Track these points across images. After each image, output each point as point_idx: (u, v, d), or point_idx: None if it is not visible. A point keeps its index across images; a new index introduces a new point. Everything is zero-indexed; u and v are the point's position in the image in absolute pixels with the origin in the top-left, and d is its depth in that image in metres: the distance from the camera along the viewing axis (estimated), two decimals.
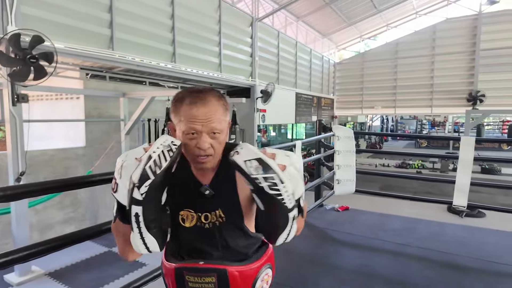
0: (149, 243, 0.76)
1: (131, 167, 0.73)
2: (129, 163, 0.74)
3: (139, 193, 0.71)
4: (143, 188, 0.71)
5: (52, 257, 3.59)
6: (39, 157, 4.16)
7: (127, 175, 0.73)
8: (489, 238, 3.28)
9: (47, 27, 3.43)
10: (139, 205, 0.72)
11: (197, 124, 0.84)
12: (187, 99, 0.86)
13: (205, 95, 0.87)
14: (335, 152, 3.84)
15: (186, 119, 0.84)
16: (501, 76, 9.98)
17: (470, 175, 3.30)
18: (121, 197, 0.76)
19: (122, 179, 0.75)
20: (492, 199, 6.14)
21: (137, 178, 0.71)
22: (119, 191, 0.76)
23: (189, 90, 0.89)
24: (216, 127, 0.86)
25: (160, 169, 0.72)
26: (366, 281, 2.45)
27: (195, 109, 0.84)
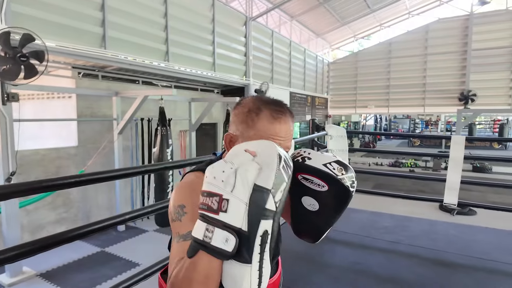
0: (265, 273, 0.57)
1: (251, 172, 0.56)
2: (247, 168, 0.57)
3: (273, 202, 0.56)
4: (278, 194, 0.56)
5: (44, 257, 3.57)
6: (30, 157, 4.11)
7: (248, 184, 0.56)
8: (479, 236, 3.34)
9: (38, 25, 3.39)
10: (270, 218, 0.56)
11: (276, 141, 0.75)
12: (266, 111, 0.77)
13: (286, 111, 0.80)
14: (328, 151, 3.86)
15: (264, 135, 0.75)
16: (492, 76, 10.13)
17: (460, 174, 3.34)
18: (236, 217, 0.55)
19: (236, 190, 0.55)
20: (483, 197, 6.22)
21: (272, 182, 0.56)
22: (232, 209, 0.55)
23: (266, 101, 0.80)
24: (289, 146, 0.80)
25: (291, 170, 0.60)
26: (358, 278, 2.48)
27: (278, 125, 0.77)
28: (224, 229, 0.55)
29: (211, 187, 0.57)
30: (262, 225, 0.55)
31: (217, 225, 0.55)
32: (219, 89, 7.42)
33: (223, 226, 0.55)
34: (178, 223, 0.70)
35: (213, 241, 0.55)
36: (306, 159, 0.74)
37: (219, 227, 0.55)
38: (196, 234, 0.57)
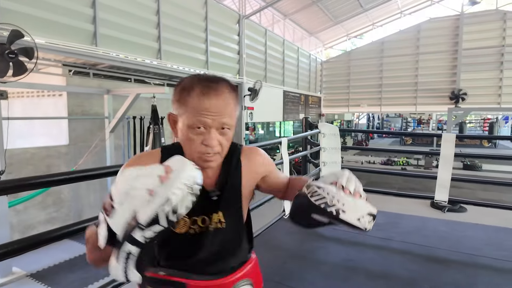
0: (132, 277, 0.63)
1: (138, 200, 0.58)
2: (138, 194, 0.59)
3: (142, 235, 0.58)
4: (148, 232, 0.58)
5: (34, 257, 3.52)
6: (20, 156, 4.05)
7: (131, 207, 0.59)
8: (469, 232, 3.39)
9: (27, 21, 3.33)
10: (138, 246, 0.59)
11: (208, 118, 0.73)
12: (196, 88, 0.75)
13: (218, 85, 0.76)
14: (321, 149, 3.88)
15: (194, 111, 0.73)
16: (482, 75, 10.28)
17: (451, 171, 3.39)
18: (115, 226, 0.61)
19: (123, 207, 0.60)
20: (473, 194, 6.32)
21: (146, 221, 0.57)
22: (115, 219, 0.61)
23: (199, 78, 0.78)
24: (228, 122, 0.76)
25: (176, 218, 0.59)
26: (350, 275, 2.49)
27: (207, 100, 0.73)
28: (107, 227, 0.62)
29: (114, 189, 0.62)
30: (127, 246, 0.59)
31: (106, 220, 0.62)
32: None
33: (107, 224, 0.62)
34: None
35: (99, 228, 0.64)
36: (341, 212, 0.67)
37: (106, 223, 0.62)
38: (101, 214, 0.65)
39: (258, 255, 1.00)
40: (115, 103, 4.64)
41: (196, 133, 0.74)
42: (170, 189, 0.58)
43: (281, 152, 3.17)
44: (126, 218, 0.59)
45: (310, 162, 4.34)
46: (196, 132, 0.74)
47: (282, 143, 3.15)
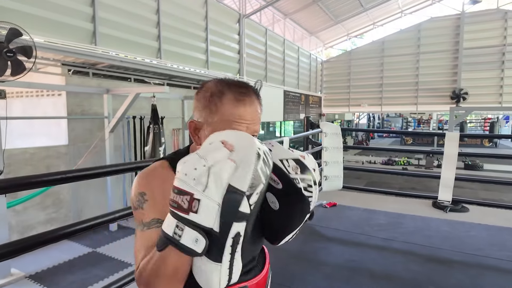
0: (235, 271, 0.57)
1: (226, 172, 0.53)
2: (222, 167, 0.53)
3: (247, 204, 0.54)
4: (253, 196, 0.54)
5: (33, 259, 3.49)
6: (19, 156, 4.02)
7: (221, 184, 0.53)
8: (471, 232, 3.36)
9: (26, 20, 3.31)
10: (243, 220, 0.54)
11: (243, 126, 0.71)
12: (229, 94, 0.72)
13: (250, 92, 0.74)
14: (323, 148, 3.85)
15: (228, 119, 0.70)
16: (483, 75, 10.26)
17: (454, 170, 3.36)
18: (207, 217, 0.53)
19: (209, 190, 0.53)
20: (475, 194, 6.29)
21: (248, 184, 0.53)
22: (203, 209, 0.53)
23: (227, 83, 0.74)
24: (258, 129, 0.75)
25: (269, 170, 0.57)
26: (352, 275, 2.46)
27: (243, 108, 0.71)
28: (195, 229, 0.53)
29: (182, 184, 0.54)
30: (234, 227, 0.54)
31: (188, 223, 0.54)
32: None
33: (193, 226, 0.53)
34: (140, 211, 0.69)
35: (182, 239, 0.53)
36: None
37: (189, 227, 0.53)
38: (166, 229, 0.55)
39: None
40: (114, 102, 4.60)
41: None
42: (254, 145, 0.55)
43: None
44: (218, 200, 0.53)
45: None
46: None
47: (284, 143, 3.12)
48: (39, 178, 1.20)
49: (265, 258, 0.88)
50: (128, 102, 4.25)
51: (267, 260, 0.88)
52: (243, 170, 0.53)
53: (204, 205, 0.53)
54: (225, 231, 0.54)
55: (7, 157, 3.30)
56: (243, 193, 0.53)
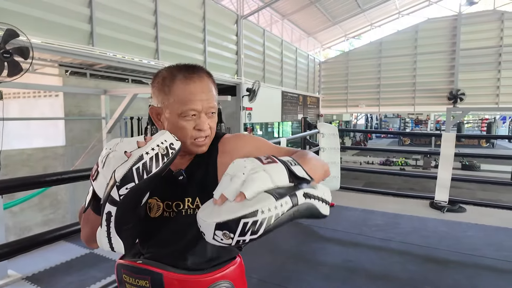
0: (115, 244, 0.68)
1: (117, 161, 0.64)
2: (117, 155, 0.65)
3: (117, 193, 0.62)
4: (123, 189, 0.62)
5: (30, 260, 3.48)
6: (16, 157, 4.01)
7: (111, 168, 0.64)
8: (468, 232, 3.37)
9: (23, 21, 3.29)
10: (114, 205, 0.64)
11: (197, 104, 0.75)
12: (178, 75, 0.76)
13: (198, 71, 0.78)
14: (320, 149, 3.85)
15: (182, 98, 0.74)
16: (480, 75, 10.31)
17: (451, 171, 3.38)
18: (99, 188, 0.67)
19: (104, 169, 0.66)
20: (472, 194, 6.31)
21: (120, 177, 0.61)
22: (98, 181, 0.67)
23: (178, 66, 0.78)
24: (214, 105, 0.78)
25: (147, 175, 0.62)
26: (349, 275, 2.47)
27: (193, 85, 0.75)
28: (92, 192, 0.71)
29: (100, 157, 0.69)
30: (107, 206, 0.64)
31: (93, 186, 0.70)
32: None
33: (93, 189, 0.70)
34: None
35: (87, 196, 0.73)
36: None
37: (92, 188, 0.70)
38: None
39: (256, 257, 0.96)
40: (112, 103, 4.60)
41: (187, 120, 0.76)
42: (145, 149, 0.63)
43: None
44: (107, 179, 0.64)
45: None
46: (187, 119, 0.76)
47: (281, 143, 3.12)
48: (34, 180, 1.20)
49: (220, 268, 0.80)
50: (126, 103, 4.25)
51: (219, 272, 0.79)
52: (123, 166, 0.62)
53: (99, 178, 0.67)
54: (103, 206, 0.64)
55: (4, 158, 3.29)
56: (115, 183, 0.62)
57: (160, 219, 0.80)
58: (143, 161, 0.62)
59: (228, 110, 7.07)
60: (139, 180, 0.62)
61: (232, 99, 6.64)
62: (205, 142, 0.79)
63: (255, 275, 2.39)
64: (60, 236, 1.43)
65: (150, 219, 0.80)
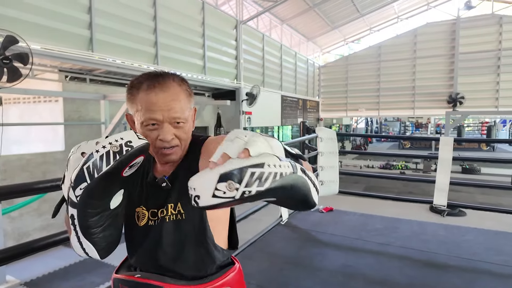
0: (87, 248, 0.67)
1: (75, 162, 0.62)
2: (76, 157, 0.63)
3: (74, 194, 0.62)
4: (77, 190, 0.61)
5: (28, 266, 3.47)
6: (15, 162, 4.02)
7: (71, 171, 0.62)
8: (468, 236, 3.35)
9: (23, 27, 3.32)
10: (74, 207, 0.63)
11: (157, 114, 0.72)
12: (144, 84, 0.74)
13: (164, 79, 0.75)
14: (319, 153, 3.86)
15: (144, 107, 0.73)
16: (479, 79, 10.32)
17: (449, 175, 3.37)
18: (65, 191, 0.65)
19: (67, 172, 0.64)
20: (472, 198, 6.29)
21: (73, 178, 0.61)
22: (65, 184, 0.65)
23: (147, 74, 0.77)
24: (179, 116, 0.74)
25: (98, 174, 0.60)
26: (348, 281, 2.46)
27: (153, 95, 0.72)
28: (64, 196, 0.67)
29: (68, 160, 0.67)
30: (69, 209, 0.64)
31: None
32: (210, 93, 7.39)
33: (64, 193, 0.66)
34: None
35: None
36: None
37: None
38: None
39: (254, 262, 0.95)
40: (111, 108, 4.62)
41: (150, 130, 0.74)
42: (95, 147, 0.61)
43: None
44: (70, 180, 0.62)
45: None
46: (150, 129, 0.74)
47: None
48: (29, 186, 1.21)
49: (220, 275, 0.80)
50: (125, 108, 4.27)
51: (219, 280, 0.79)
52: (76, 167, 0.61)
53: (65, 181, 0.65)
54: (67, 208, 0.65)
55: (3, 163, 3.30)
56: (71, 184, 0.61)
57: (145, 228, 0.80)
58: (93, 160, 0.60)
59: (227, 114, 7.08)
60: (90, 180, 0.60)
61: (232, 103, 6.66)
62: (171, 151, 0.76)
63: (253, 281, 2.38)
64: (59, 242, 1.43)
65: (137, 228, 0.80)
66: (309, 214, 4.12)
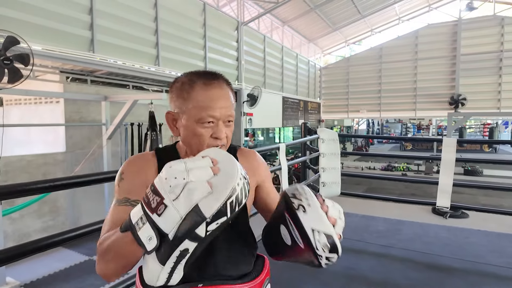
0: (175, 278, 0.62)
1: (199, 193, 0.56)
2: (197, 187, 0.56)
3: (205, 229, 0.56)
4: (213, 225, 0.56)
5: (28, 267, 3.46)
6: (16, 163, 4.01)
7: (190, 202, 0.56)
8: (471, 238, 3.33)
9: (24, 28, 3.32)
10: (196, 241, 0.57)
11: (216, 111, 0.74)
12: (198, 81, 0.75)
13: (218, 78, 0.77)
14: (320, 154, 3.83)
15: (201, 104, 0.73)
16: (481, 80, 10.30)
17: (452, 176, 3.34)
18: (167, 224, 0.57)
19: (178, 202, 0.56)
20: (475, 199, 6.26)
21: (212, 213, 0.55)
22: (166, 216, 0.56)
23: (197, 72, 0.78)
24: (232, 114, 0.78)
25: (239, 207, 0.58)
26: (349, 283, 2.43)
27: (213, 91, 0.74)
28: (153, 228, 0.57)
29: (159, 185, 0.57)
30: (185, 243, 0.57)
31: (149, 221, 0.57)
32: None
33: (153, 225, 0.57)
34: (116, 188, 0.77)
35: (140, 231, 0.58)
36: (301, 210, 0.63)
37: (149, 224, 0.57)
38: (132, 216, 0.60)
39: None
40: (112, 109, 4.61)
41: (205, 127, 0.74)
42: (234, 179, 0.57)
43: (279, 158, 3.13)
44: (182, 214, 0.56)
45: (309, 168, 4.29)
46: (205, 126, 0.74)
47: (280, 149, 3.11)
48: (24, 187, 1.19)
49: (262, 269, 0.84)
50: (126, 109, 4.26)
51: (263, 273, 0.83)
52: (213, 198, 0.56)
53: (168, 212, 0.56)
54: (176, 243, 0.57)
55: (4, 164, 3.29)
56: (204, 219, 0.55)
57: None
58: (236, 194, 0.57)
59: None
60: (231, 214, 0.57)
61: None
62: None
63: None
64: (59, 242, 1.41)
65: None
66: None
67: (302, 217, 0.63)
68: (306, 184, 4.04)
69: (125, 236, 0.61)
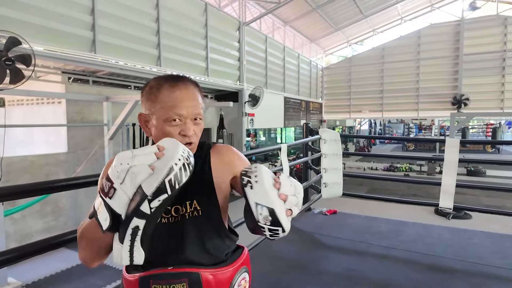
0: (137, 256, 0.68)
1: (141, 175, 0.63)
2: (139, 170, 0.64)
3: (148, 207, 0.63)
4: (155, 202, 0.63)
5: (30, 268, 3.46)
6: (18, 164, 4.02)
7: (134, 183, 0.63)
8: (474, 240, 3.30)
9: (26, 29, 3.33)
10: (143, 218, 0.64)
11: (182, 109, 0.79)
12: (165, 84, 0.81)
13: (184, 80, 0.84)
14: (322, 155, 3.82)
15: (168, 104, 0.79)
16: (484, 80, 10.24)
17: (455, 177, 3.32)
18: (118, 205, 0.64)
19: (124, 185, 0.64)
20: (477, 200, 6.22)
21: (152, 191, 0.62)
22: (116, 198, 0.64)
23: (164, 77, 0.84)
24: (200, 112, 0.83)
25: (179, 185, 0.64)
26: (352, 285, 2.42)
27: (178, 92, 0.80)
28: (107, 210, 0.65)
29: (110, 172, 0.65)
30: (134, 221, 0.64)
31: (104, 204, 0.65)
32: (212, 94, 7.39)
33: (107, 208, 0.65)
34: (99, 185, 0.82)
35: (99, 215, 0.67)
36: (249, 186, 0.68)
37: (105, 206, 0.65)
38: (95, 203, 0.69)
39: (256, 265, 0.97)
40: (114, 110, 4.62)
41: (172, 125, 0.80)
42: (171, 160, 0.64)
43: (281, 158, 3.13)
44: (129, 195, 0.64)
45: (311, 169, 4.28)
46: (173, 125, 0.80)
47: (282, 149, 3.10)
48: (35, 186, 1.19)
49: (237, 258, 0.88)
50: (128, 110, 4.27)
51: (237, 261, 0.87)
52: (154, 178, 0.63)
53: (117, 195, 0.64)
54: (127, 222, 0.64)
55: (5, 165, 3.30)
56: (146, 196, 0.62)
57: (167, 225, 0.83)
58: (174, 173, 0.64)
59: (230, 116, 7.07)
60: (171, 191, 0.64)
61: (234, 105, 6.65)
62: (190, 147, 0.81)
63: (255, 284, 2.35)
64: (61, 243, 1.41)
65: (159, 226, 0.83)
66: (313, 216, 4.08)
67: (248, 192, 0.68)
68: (308, 185, 4.03)
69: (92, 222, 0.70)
